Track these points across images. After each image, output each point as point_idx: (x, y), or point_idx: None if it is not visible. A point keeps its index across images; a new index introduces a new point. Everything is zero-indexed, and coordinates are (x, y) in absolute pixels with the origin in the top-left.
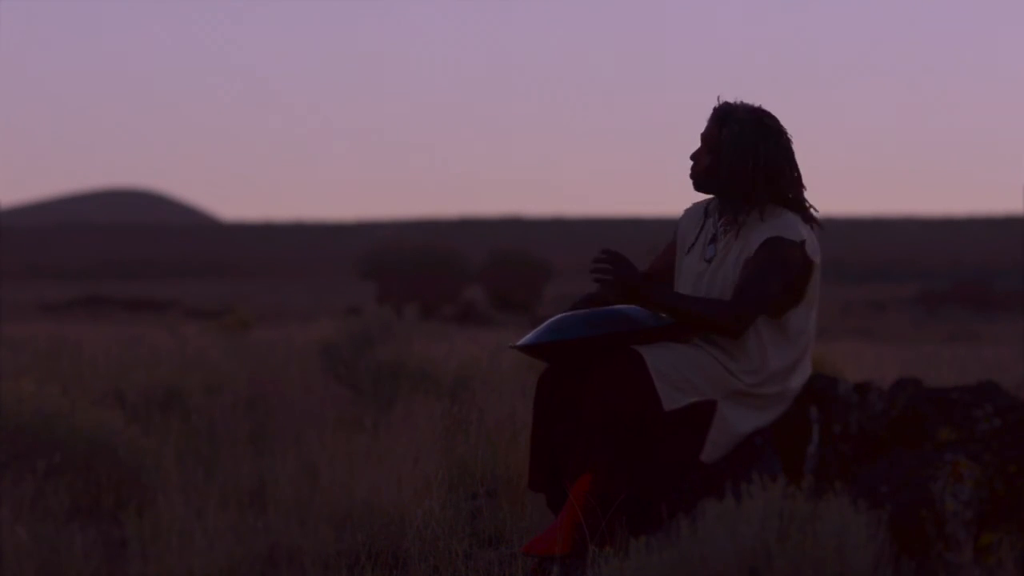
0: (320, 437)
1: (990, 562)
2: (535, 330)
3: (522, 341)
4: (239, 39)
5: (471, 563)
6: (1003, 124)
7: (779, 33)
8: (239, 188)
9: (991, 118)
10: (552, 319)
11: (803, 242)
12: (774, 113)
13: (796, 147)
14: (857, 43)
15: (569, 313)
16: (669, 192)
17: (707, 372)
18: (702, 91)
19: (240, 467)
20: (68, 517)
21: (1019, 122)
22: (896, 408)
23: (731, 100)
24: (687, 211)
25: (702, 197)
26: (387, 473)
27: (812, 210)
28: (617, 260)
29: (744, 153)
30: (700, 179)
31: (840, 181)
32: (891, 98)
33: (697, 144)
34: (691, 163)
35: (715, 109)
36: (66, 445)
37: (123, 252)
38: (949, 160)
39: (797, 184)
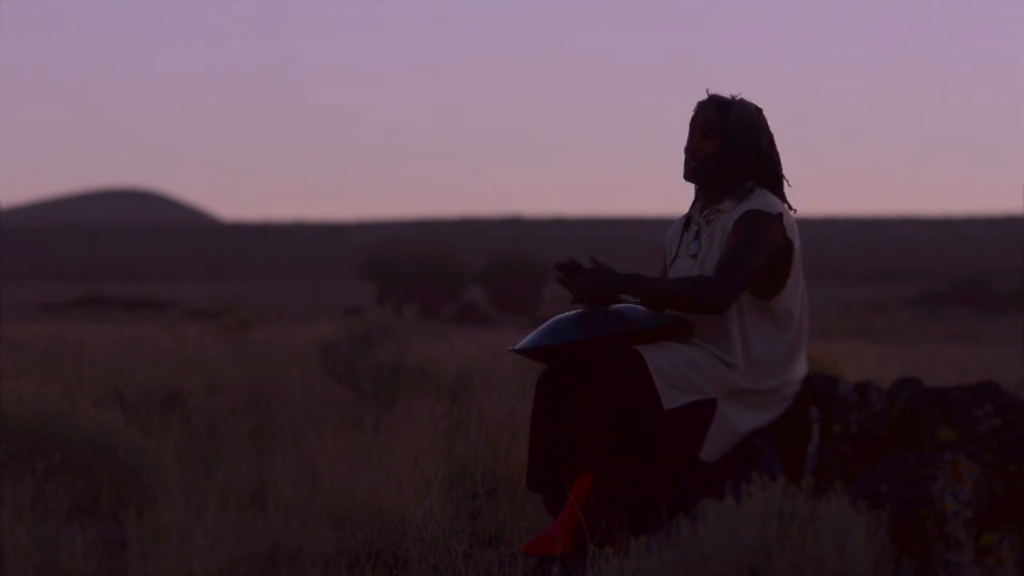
0: (320, 437)
1: (990, 562)
2: (533, 333)
3: (520, 344)
4: (239, 39)
5: (471, 563)
6: (1003, 124)
7: (778, 32)
8: (239, 188)
9: (991, 118)
10: (550, 320)
11: (779, 215)
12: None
13: (793, 144)
14: (856, 42)
15: (567, 315)
16: (669, 192)
17: (707, 371)
18: (702, 91)
19: (240, 467)
20: (68, 517)
21: (1019, 122)
22: (896, 408)
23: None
24: (670, 228)
25: (691, 195)
26: (387, 473)
27: (787, 201)
28: (578, 271)
29: (754, 133)
30: (705, 164)
31: (840, 181)
32: (891, 98)
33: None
34: (688, 156)
35: (709, 98)
36: (66, 445)
37: (123, 252)
38: (949, 160)
39: (781, 172)
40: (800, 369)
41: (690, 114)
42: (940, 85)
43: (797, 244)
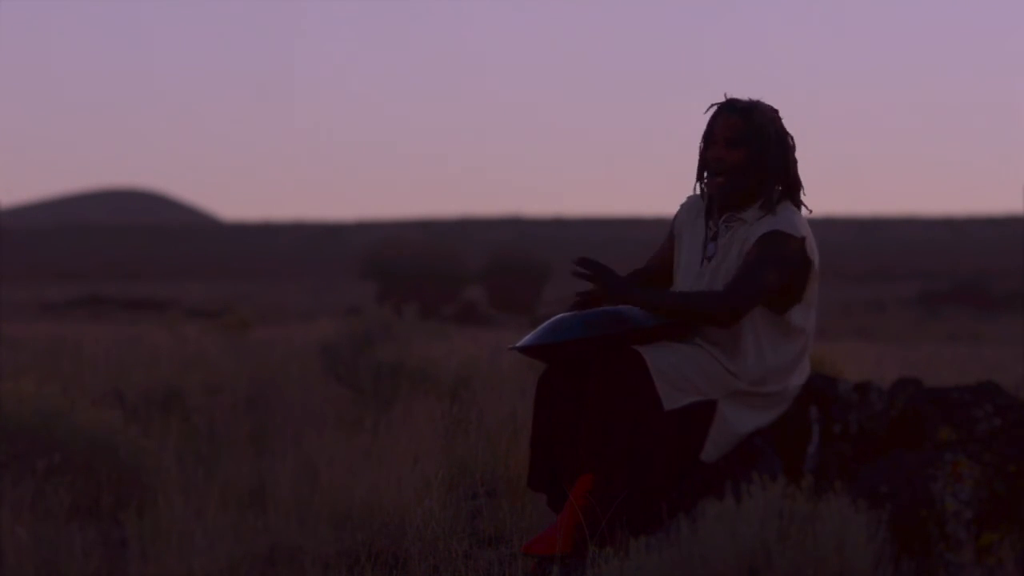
0: (320, 437)
1: (990, 562)
2: (534, 331)
3: (521, 342)
4: (239, 39)
5: (471, 563)
6: (1003, 124)
7: (779, 32)
8: (239, 188)
9: (991, 118)
10: (550, 320)
11: (803, 238)
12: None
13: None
14: (857, 42)
15: (568, 314)
16: (669, 192)
17: (707, 372)
18: (703, 91)
19: (240, 467)
20: (68, 517)
21: (1019, 122)
22: (896, 408)
23: (735, 97)
24: (684, 204)
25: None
26: (387, 473)
27: (806, 208)
28: (595, 268)
29: (780, 140)
30: (735, 177)
31: (840, 181)
32: (891, 98)
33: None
34: (713, 168)
35: (729, 103)
36: (66, 445)
37: (123, 252)
38: (949, 160)
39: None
40: (803, 373)
41: (689, 115)
42: (940, 85)
43: (816, 264)
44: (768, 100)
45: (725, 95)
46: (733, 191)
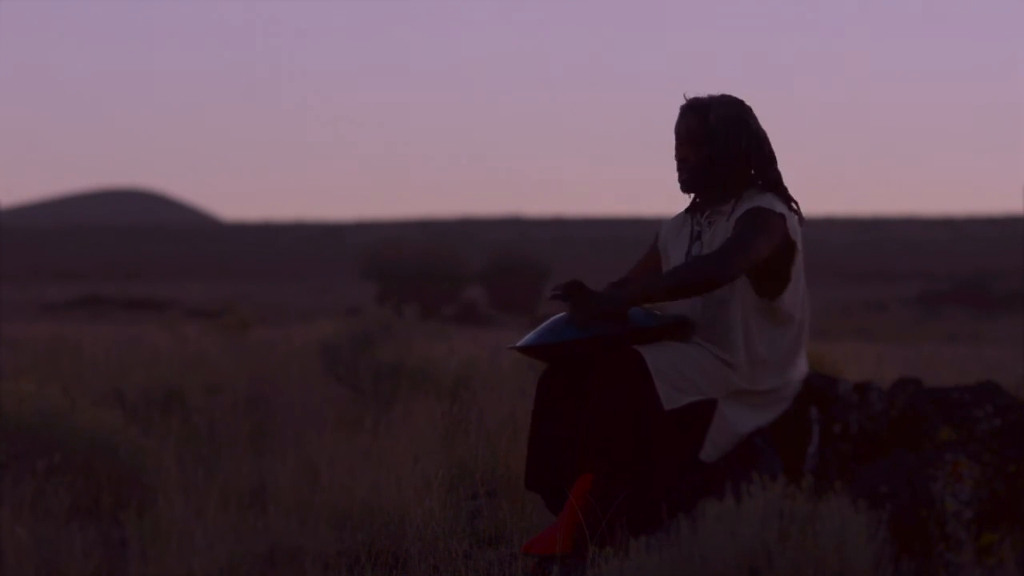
0: (320, 437)
1: (990, 562)
2: (534, 331)
3: (521, 342)
4: (239, 38)
5: (471, 563)
6: (1003, 124)
7: (779, 31)
8: (239, 188)
9: (991, 118)
10: (551, 319)
11: (783, 215)
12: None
13: (793, 144)
14: (857, 42)
15: (568, 313)
16: (668, 192)
17: (707, 371)
18: (704, 91)
19: (240, 467)
20: (68, 517)
21: (1019, 122)
22: (896, 408)
23: (698, 95)
24: (666, 222)
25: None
26: (387, 473)
27: (793, 201)
28: (577, 296)
29: (737, 132)
30: (695, 175)
31: (840, 181)
32: (891, 97)
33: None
34: (678, 166)
35: (688, 104)
36: (66, 445)
37: (123, 252)
38: (949, 160)
39: (775, 164)
40: (800, 369)
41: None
42: (940, 85)
43: (799, 245)
44: (768, 99)
45: (685, 95)
46: (695, 188)
